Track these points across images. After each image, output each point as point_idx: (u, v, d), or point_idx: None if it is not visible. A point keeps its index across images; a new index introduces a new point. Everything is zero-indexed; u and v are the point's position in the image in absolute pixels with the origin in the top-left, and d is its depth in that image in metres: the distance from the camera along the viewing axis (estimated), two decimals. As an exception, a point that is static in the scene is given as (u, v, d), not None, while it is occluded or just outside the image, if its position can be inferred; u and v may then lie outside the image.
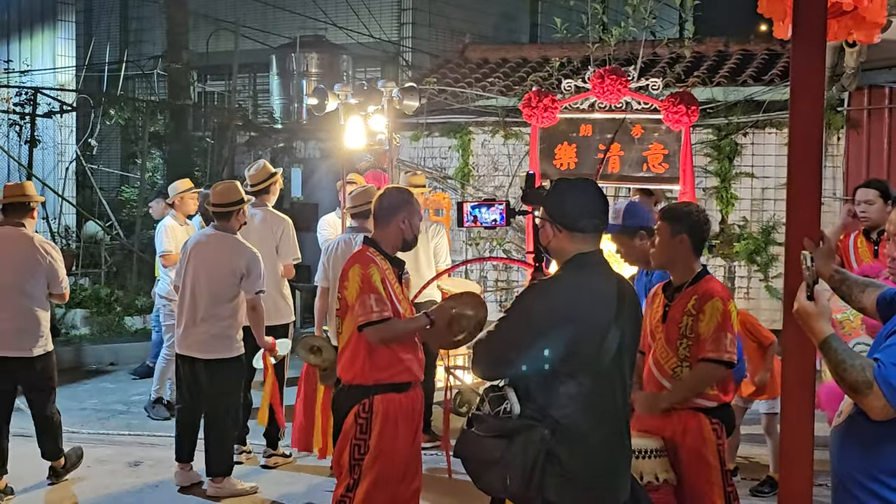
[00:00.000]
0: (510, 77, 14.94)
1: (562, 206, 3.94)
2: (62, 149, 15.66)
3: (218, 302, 7.13)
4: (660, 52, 14.40)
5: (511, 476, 3.68)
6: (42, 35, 16.61)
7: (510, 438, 3.70)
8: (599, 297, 3.85)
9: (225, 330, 7.15)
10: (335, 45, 17.50)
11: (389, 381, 5.12)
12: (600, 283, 3.89)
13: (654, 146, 8.14)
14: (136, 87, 19.52)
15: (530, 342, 3.71)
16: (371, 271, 5.08)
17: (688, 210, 5.11)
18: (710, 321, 4.83)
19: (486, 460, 3.75)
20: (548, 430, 3.68)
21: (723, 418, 4.94)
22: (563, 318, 3.73)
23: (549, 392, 3.73)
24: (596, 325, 3.79)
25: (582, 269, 3.87)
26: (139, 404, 9.79)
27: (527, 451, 3.66)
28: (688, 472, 4.86)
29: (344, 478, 5.16)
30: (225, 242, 7.21)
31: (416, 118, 14.27)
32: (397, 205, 5.29)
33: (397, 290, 5.21)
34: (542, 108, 8.26)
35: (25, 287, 7.22)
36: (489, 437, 3.75)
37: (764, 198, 12.55)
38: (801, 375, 3.70)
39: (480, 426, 3.81)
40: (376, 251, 5.24)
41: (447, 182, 14.03)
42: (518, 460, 3.67)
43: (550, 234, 3.94)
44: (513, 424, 3.73)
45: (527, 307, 3.83)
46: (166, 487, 7.38)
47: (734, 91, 12.92)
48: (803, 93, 3.83)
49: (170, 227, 9.52)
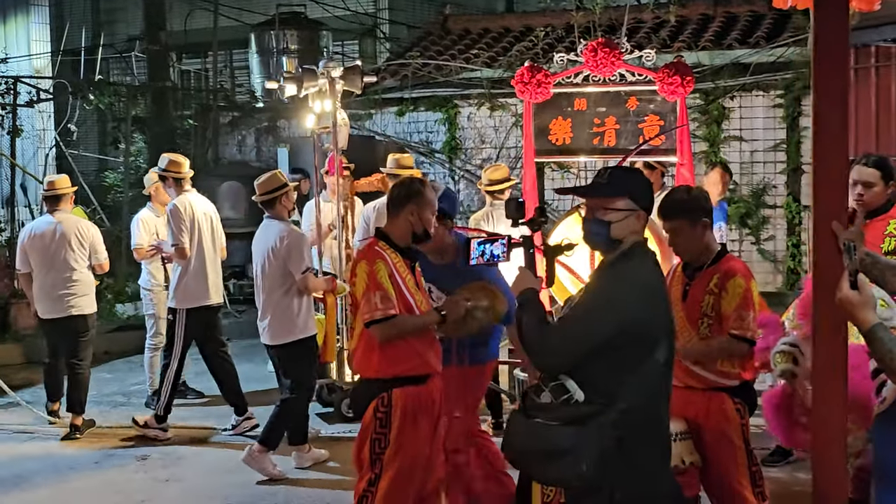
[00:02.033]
0: (493, 48, 14.86)
1: (647, 192, 3.94)
2: (41, 135, 15.51)
3: (274, 288, 7.43)
4: (643, 17, 14.33)
5: (587, 462, 3.64)
6: (16, 20, 16.43)
7: (582, 424, 3.68)
8: (661, 282, 3.95)
9: (285, 312, 7.43)
10: (314, 22, 17.33)
11: (407, 375, 5.08)
12: (658, 268, 3.97)
13: (650, 118, 8.08)
14: (112, 69, 19.30)
15: (613, 329, 3.69)
16: (377, 267, 5.02)
17: (695, 196, 5.08)
18: (733, 299, 4.85)
19: (557, 449, 3.70)
20: (617, 415, 3.67)
21: (745, 398, 4.96)
22: (642, 302, 3.75)
23: (617, 377, 3.71)
24: (664, 309, 3.88)
25: (646, 255, 3.91)
26: (139, 395, 9.75)
27: (601, 435, 3.65)
28: (712, 454, 4.89)
29: (365, 472, 5.14)
30: (270, 229, 7.49)
31: (400, 93, 14.22)
32: (405, 197, 5.22)
33: (410, 283, 5.14)
34: (535, 84, 8.17)
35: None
36: (560, 425, 3.72)
37: (753, 160, 12.57)
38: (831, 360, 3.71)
39: (549, 415, 3.76)
40: (386, 244, 5.19)
41: (435, 157, 13.98)
42: (594, 445, 3.65)
43: (635, 221, 3.86)
44: (585, 410, 3.70)
45: (609, 293, 3.78)
46: (176, 481, 7.35)
47: (720, 54, 12.92)
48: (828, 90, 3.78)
49: (143, 219, 9.38)
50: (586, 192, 4.05)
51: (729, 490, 4.94)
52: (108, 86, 15.51)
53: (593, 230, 3.89)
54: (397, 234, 5.22)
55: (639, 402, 3.71)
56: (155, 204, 9.43)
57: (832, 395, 3.70)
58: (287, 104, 15.66)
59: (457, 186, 13.78)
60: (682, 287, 5.02)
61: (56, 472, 7.60)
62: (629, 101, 8.10)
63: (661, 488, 3.86)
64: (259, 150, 15.63)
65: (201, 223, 8.53)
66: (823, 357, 3.72)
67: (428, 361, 5.15)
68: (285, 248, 7.34)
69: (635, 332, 3.71)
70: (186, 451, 7.96)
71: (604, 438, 3.65)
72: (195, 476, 7.46)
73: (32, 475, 7.52)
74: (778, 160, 12.59)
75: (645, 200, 3.90)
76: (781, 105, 12.48)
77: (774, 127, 12.55)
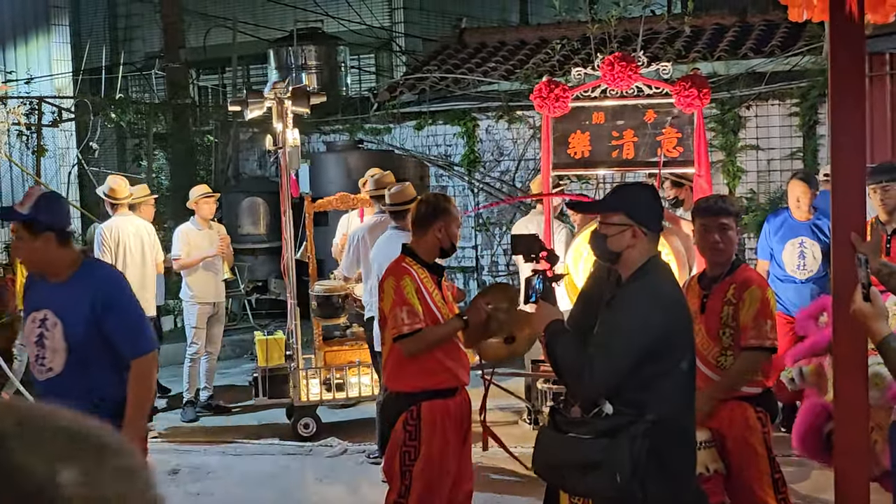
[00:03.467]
0: (509, 60, 14.97)
1: (647, 209, 4.03)
2: (63, 153, 15.67)
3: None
4: (658, 28, 14.42)
5: (621, 473, 3.74)
6: (37, 41, 16.59)
7: (614, 436, 3.79)
8: (682, 295, 4.11)
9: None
10: (331, 37, 17.49)
11: (435, 388, 5.20)
12: (676, 282, 4.14)
13: (668, 130, 8.17)
14: (132, 87, 19.49)
15: (649, 345, 3.81)
16: (404, 283, 5.15)
17: (733, 203, 5.25)
18: (750, 309, 4.95)
19: (592, 462, 3.81)
20: (649, 425, 3.78)
21: (767, 406, 5.06)
22: (670, 319, 3.88)
23: (646, 389, 3.83)
24: (688, 321, 4.01)
25: (664, 270, 4.05)
26: (170, 409, 9.87)
27: (634, 445, 3.75)
28: (736, 462, 4.97)
29: (395, 484, 5.25)
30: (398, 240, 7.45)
31: (418, 107, 14.35)
32: (433, 214, 5.34)
33: (437, 298, 5.26)
34: (554, 98, 8.27)
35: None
36: (593, 438, 3.83)
37: (770, 169, 12.63)
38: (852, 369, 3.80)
39: (581, 429, 3.88)
40: (413, 260, 5.31)
41: (454, 170, 14.09)
42: (627, 456, 3.75)
43: (636, 237, 3.96)
44: (616, 422, 3.81)
45: (639, 319, 3.87)
46: (207, 494, 7.47)
47: (735, 64, 12.99)
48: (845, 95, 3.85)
49: (184, 231, 9.80)
50: (586, 209, 4.24)
51: (752, 497, 5.01)
52: (128, 103, 15.68)
53: (594, 242, 4.09)
54: (424, 250, 5.34)
55: (667, 412, 3.83)
56: (198, 218, 9.82)
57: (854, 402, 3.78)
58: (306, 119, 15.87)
59: (476, 199, 13.88)
60: (700, 299, 5.12)
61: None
62: (647, 113, 8.19)
63: (688, 495, 3.98)
64: (279, 165, 15.74)
65: (128, 244, 9.17)
66: (844, 365, 3.81)
67: (456, 375, 5.27)
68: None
69: (664, 345, 3.84)
70: (217, 465, 8.08)
71: (636, 448, 3.75)
72: (225, 489, 7.57)
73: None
74: (794, 168, 12.65)
75: (642, 216, 3.98)
76: (797, 113, 12.55)
77: (791, 135, 12.62)
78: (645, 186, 4.35)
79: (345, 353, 9.20)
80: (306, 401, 8.65)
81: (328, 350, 9.18)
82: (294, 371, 8.69)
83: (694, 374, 4.04)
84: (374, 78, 19.73)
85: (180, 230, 9.88)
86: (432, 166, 14.25)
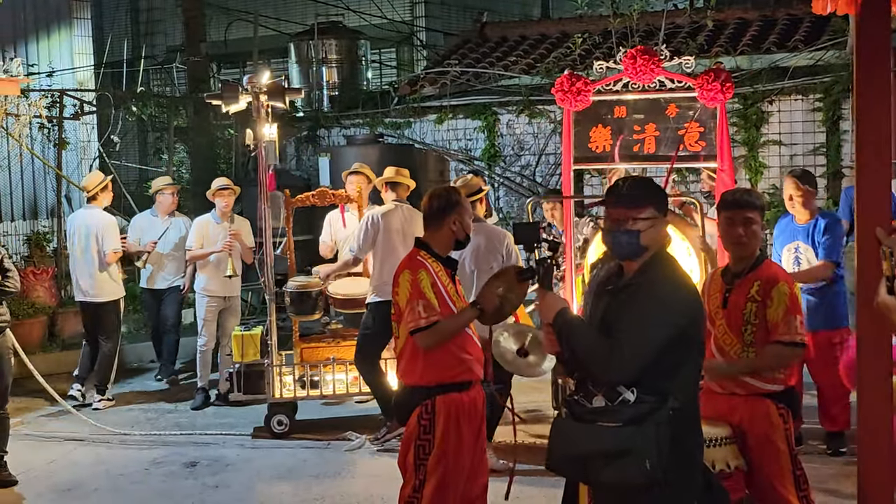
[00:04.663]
0: (530, 54, 14.92)
1: (666, 199, 4.14)
2: (85, 146, 15.71)
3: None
4: (680, 21, 14.33)
5: (651, 459, 3.75)
6: (59, 34, 16.62)
7: (639, 424, 3.79)
8: (694, 284, 4.09)
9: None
10: (352, 31, 17.48)
11: (450, 381, 5.18)
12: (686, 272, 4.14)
13: (690, 124, 8.11)
14: (153, 80, 19.53)
15: (670, 330, 3.82)
16: (420, 277, 5.15)
17: (760, 197, 5.23)
18: (779, 306, 4.91)
19: (620, 450, 3.80)
20: (671, 411, 3.80)
21: (789, 403, 5.01)
22: (687, 302, 3.91)
23: (670, 377, 3.85)
24: (700, 310, 4.03)
25: (671, 258, 4.09)
26: (187, 402, 9.89)
27: (659, 432, 3.77)
28: (757, 459, 4.94)
29: (410, 478, 5.23)
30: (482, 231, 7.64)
31: (439, 101, 14.31)
32: (447, 207, 5.35)
33: (451, 291, 5.27)
34: (575, 92, 8.22)
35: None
36: (621, 426, 3.82)
37: (793, 164, 12.51)
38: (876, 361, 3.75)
39: (609, 418, 3.86)
40: (427, 254, 5.30)
41: (474, 164, 14.04)
42: (654, 442, 3.76)
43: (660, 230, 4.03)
44: (643, 409, 3.81)
45: (660, 297, 3.89)
46: (225, 486, 7.47)
47: (758, 59, 12.90)
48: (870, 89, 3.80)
49: (202, 223, 10.07)
50: (616, 204, 4.10)
51: (774, 494, 4.98)
52: (149, 97, 15.70)
53: (623, 240, 4.01)
54: (438, 244, 5.35)
55: (686, 399, 3.88)
56: (217, 211, 10.01)
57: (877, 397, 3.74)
58: (327, 113, 15.87)
59: (496, 194, 13.84)
60: (722, 294, 5.08)
61: (108, 478, 7.75)
62: (669, 107, 8.14)
63: (699, 480, 4.03)
64: (299, 159, 15.76)
65: (78, 234, 10.04)
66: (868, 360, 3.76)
67: (471, 368, 5.25)
68: (507, 248, 7.64)
69: (685, 333, 3.86)
70: (235, 458, 8.08)
71: (661, 435, 3.77)
72: (243, 482, 7.57)
73: (84, 482, 7.67)
74: (817, 164, 12.55)
75: (665, 207, 4.09)
76: (821, 108, 12.44)
77: (814, 131, 12.51)
78: (651, 179, 4.38)
79: (322, 349, 9.10)
80: (280, 397, 8.64)
81: (305, 347, 9.08)
82: (268, 368, 8.69)
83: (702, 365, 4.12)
84: (395, 72, 19.71)
85: (197, 222, 10.11)
86: (452, 160, 14.21)
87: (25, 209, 14.18)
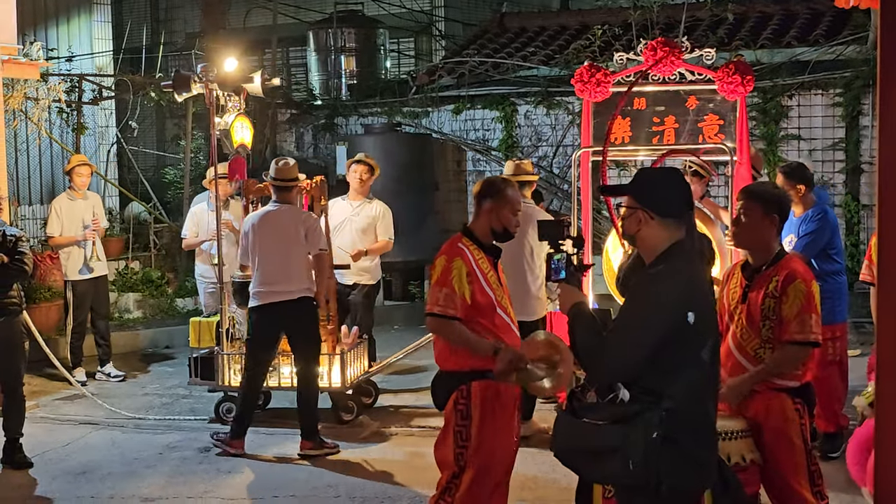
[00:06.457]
0: (549, 46, 14.90)
1: (651, 193, 3.96)
2: (103, 132, 15.75)
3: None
4: (701, 14, 14.27)
5: (634, 459, 3.71)
6: (79, 19, 16.65)
7: (627, 423, 3.75)
8: (704, 282, 4.02)
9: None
10: (371, 20, 17.47)
11: (485, 368, 5.14)
12: (701, 269, 4.07)
13: (710, 117, 8.08)
14: (171, 67, 19.54)
15: (664, 329, 3.76)
16: (455, 265, 5.13)
17: (778, 192, 5.18)
18: (794, 303, 4.86)
19: (605, 448, 3.78)
20: (664, 412, 3.73)
21: (805, 398, 4.98)
22: (687, 307, 3.79)
23: (664, 377, 3.78)
24: (707, 310, 3.92)
25: (688, 257, 3.95)
26: (201, 388, 9.88)
27: (647, 433, 3.71)
28: (771, 453, 4.91)
29: (449, 466, 5.21)
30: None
31: (457, 91, 14.29)
32: (485, 193, 5.34)
33: (491, 279, 5.24)
34: (595, 83, 8.20)
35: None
36: (606, 424, 3.79)
37: (812, 160, 12.47)
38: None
39: (596, 415, 3.85)
40: (469, 241, 5.29)
41: (491, 155, 14.03)
42: (640, 443, 3.71)
43: (640, 221, 3.94)
44: (631, 409, 3.77)
45: (656, 304, 3.82)
46: (238, 473, 7.48)
47: (778, 52, 12.85)
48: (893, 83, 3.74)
49: (195, 212, 10.16)
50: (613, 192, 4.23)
51: (787, 489, 4.96)
52: (171, 83, 15.70)
53: (623, 226, 4.07)
54: (480, 231, 5.34)
55: (685, 400, 3.78)
56: (210, 198, 9.83)
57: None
58: (345, 102, 15.86)
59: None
60: (742, 289, 5.05)
61: (122, 463, 7.77)
62: (689, 100, 8.11)
63: (710, 480, 3.93)
64: (317, 147, 15.78)
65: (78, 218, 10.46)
66: (888, 353, 3.72)
67: None
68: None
69: (681, 332, 3.77)
70: (248, 445, 8.05)
71: (649, 436, 3.71)
72: (257, 469, 7.58)
73: (99, 465, 7.70)
74: (837, 159, 12.51)
75: (647, 201, 3.93)
76: (840, 104, 12.39)
77: (833, 126, 12.46)
78: (665, 171, 4.28)
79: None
80: (228, 385, 8.62)
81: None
82: (217, 355, 8.66)
83: (717, 362, 4.00)
84: (414, 62, 19.69)
85: (192, 210, 10.17)
86: (469, 151, 14.20)
87: (43, 193, 14.23)
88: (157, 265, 14.04)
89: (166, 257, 14.30)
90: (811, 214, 7.42)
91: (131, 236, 14.14)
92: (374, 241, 9.37)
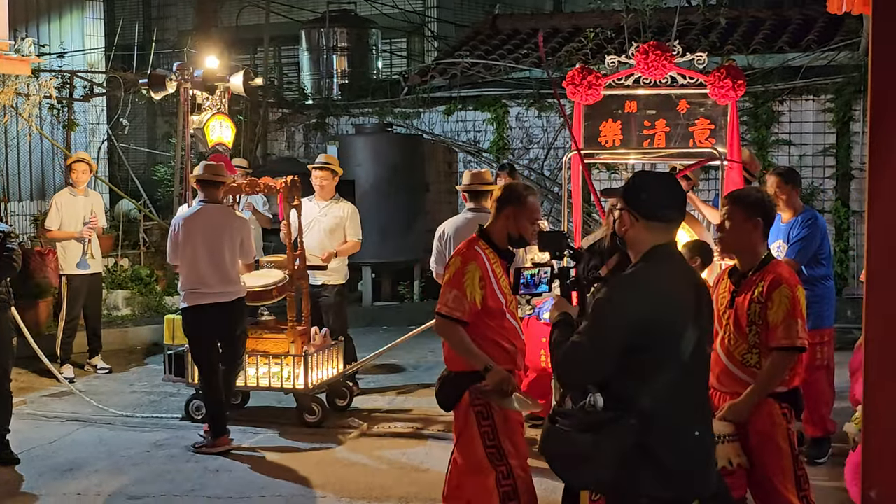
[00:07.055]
0: (542, 48, 14.88)
1: (639, 196, 3.94)
2: (94, 129, 15.73)
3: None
4: (693, 19, 14.30)
5: (604, 468, 3.70)
6: (71, 15, 16.62)
7: (597, 431, 3.72)
8: (683, 287, 3.90)
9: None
10: (363, 19, 17.47)
11: None
12: (682, 274, 3.95)
13: (701, 121, 8.08)
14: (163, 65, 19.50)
15: (627, 342, 3.71)
16: (469, 268, 5.13)
17: (761, 196, 5.15)
18: (779, 309, 4.86)
19: (577, 455, 3.77)
20: (635, 421, 3.69)
21: (792, 402, 4.98)
22: (656, 312, 3.75)
23: (636, 384, 3.74)
24: (684, 316, 3.83)
25: (664, 260, 3.88)
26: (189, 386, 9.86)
27: (617, 442, 3.69)
28: (758, 457, 4.92)
29: (486, 468, 5.15)
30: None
31: (448, 92, 14.30)
32: (505, 199, 5.33)
33: (504, 284, 5.25)
34: (586, 86, 8.19)
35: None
36: (578, 431, 3.77)
37: (802, 164, 12.51)
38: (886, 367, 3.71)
39: (567, 421, 3.83)
40: (486, 244, 5.29)
41: (482, 156, 14.03)
42: (609, 453, 3.69)
43: (627, 222, 3.94)
44: (599, 417, 3.74)
45: (620, 307, 3.78)
46: (226, 471, 7.47)
47: (770, 58, 12.88)
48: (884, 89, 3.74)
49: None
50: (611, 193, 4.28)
51: (774, 493, 4.95)
52: (163, 80, 15.67)
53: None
54: (497, 236, 5.33)
55: (661, 407, 3.73)
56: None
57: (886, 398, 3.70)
58: (337, 101, 15.85)
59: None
60: (729, 294, 5.06)
61: (109, 460, 7.75)
62: (680, 103, 8.11)
63: (696, 489, 3.88)
64: (308, 146, 15.76)
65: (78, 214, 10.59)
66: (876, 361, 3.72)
67: (514, 358, 5.27)
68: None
69: (647, 337, 3.72)
70: (236, 444, 8.06)
71: (622, 445, 3.68)
72: (245, 468, 7.57)
73: (86, 462, 7.68)
74: (827, 164, 12.54)
75: (633, 203, 3.92)
76: (832, 109, 12.43)
77: (824, 131, 12.50)
78: (658, 175, 4.22)
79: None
80: (196, 383, 8.61)
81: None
82: (187, 353, 8.63)
83: (701, 369, 3.94)
84: (406, 62, 19.70)
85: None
86: (460, 152, 14.20)
87: (33, 189, 14.19)
88: (146, 263, 14.01)
89: (156, 255, 14.26)
90: (801, 220, 7.42)
91: (121, 233, 14.10)
92: (343, 241, 9.36)
